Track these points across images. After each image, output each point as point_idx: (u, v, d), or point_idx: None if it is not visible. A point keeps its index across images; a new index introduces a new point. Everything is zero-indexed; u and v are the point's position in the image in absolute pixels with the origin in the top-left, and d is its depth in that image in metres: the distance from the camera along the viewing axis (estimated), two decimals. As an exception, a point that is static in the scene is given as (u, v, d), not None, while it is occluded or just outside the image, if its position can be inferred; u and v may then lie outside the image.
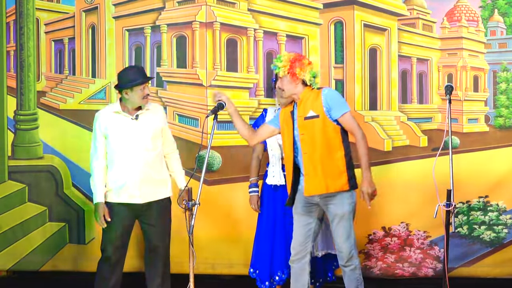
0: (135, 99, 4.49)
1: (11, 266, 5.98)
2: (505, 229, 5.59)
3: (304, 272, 4.43)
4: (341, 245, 4.29)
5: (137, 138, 4.52)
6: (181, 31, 5.88)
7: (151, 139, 4.56)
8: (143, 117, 4.55)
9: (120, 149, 4.52)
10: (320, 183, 4.22)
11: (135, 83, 4.44)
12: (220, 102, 4.40)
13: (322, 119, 4.21)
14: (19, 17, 6.00)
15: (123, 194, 4.54)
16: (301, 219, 4.40)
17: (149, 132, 4.55)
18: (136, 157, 4.51)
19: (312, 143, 4.22)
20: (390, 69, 5.73)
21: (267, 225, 4.86)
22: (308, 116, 4.24)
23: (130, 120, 4.52)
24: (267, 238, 4.86)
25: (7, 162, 6.03)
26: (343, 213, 4.25)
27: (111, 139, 4.53)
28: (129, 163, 4.51)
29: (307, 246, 4.41)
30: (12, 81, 6.05)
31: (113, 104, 4.69)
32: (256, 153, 4.96)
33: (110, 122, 4.53)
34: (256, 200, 4.90)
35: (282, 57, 4.33)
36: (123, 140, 4.52)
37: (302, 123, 4.26)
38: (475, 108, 5.69)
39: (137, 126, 4.53)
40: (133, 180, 4.52)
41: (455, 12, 5.73)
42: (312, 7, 5.77)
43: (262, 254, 4.88)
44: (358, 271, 4.35)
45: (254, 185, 4.92)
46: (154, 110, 4.64)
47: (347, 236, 4.27)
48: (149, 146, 4.54)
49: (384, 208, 5.51)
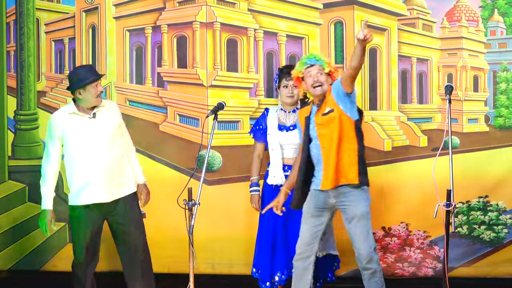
0: (89, 98, 4.42)
1: (11, 266, 5.99)
2: (505, 229, 5.59)
3: (308, 272, 4.41)
4: (360, 246, 4.25)
5: (97, 136, 4.45)
6: (182, 31, 5.88)
7: (112, 136, 4.51)
8: (100, 114, 4.48)
9: (80, 149, 4.45)
10: (333, 175, 4.22)
11: (87, 81, 4.37)
12: (220, 102, 4.42)
13: (337, 112, 4.22)
14: (19, 17, 6.01)
15: (88, 195, 4.48)
16: (311, 220, 4.37)
17: (109, 129, 4.50)
18: (98, 155, 4.45)
19: (330, 137, 4.23)
20: (390, 69, 5.73)
21: (268, 225, 4.86)
22: (325, 112, 4.26)
23: (87, 120, 4.45)
24: (268, 239, 4.86)
25: (7, 162, 6.03)
26: (362, 213, 4.24)
27: (70, 141, 4.46)
28: (91, 162, 4.45)
29: (314, 246, 4.39)
30: (12, 81, 6.05)
31: (67, 105, 4.61)
32: (257, 153, 4.96)
33: (66, 124, 4.45)
34: (257, 199, 4.90)
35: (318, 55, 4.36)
36: (83, 140, 4.45)
37: (320, 119, 4.28)
38: (475, 108, 5.70)
39: (95, 125, 4.46)
40: (97, 179, 4.46)
41: (455, 12, 5.73)
42: (312, 7, 5.77)
43: (263, 254, 4.88)
44: (379, 274, 4.29)
45: (255, 184, 4.92)
46: (108, 106, 4.58)
47: (366, 236, 4.24)
48: (110, 142, 4.49)
49: (384, 208, 5.51)
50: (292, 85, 4.73)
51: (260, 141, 4.93)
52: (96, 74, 4.46)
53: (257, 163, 4.95)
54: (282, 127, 4.83)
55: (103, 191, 4.48)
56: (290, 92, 4.79)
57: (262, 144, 4.92)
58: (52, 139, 4.50)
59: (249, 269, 5.01)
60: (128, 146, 4.71)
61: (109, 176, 4.49)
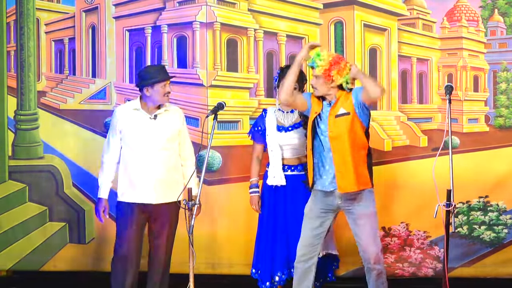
0: (156, 97, 4.49)
1: (11, 266, 5.98)
2: (505, 229, 5.59)
3: (309, 274, 4.39)
4: (368, 246, 4.23)
5: (154, 138, 4.52)
6: (182, 31, 5.88)
7: (167, 140, 4.56)
8: (161, 117, 4.56)
9: (135, 147, 4.52)
10: (352, 180, 4.20)
11: (156, 80, 4.45)
12: (220, 102, 4.42)
13: (352, 116, 4.20)
14: (19, 17, 6.01)
15: (137, 194, 4.54)
16: (314, 222, 4.36)
17: (166, 133, 4.55)
18: (152, 156, 4.51)
19: (342, 140, 4.20)
20: (390, 69, 5.73)
21: (267, 226, 4.86)
22: (339, 113, 4.22)
23: (148, 119, 4.52)
24: (267, 239, 4.86)
25: (8, 162, 6.03)
26: (370, 213, 4.24)
27: (127, 136, 4.54)
28: (144, 162, 4.51)
29: (316, 248, 4.38)
30: (12, 81, 6.05)
31: (133, 101, 4.68)
32: (256, 154, 4.96)
33: (128, 118, 4.54)
34: (257, 200, 4.90)
35: (322, 55, 4.25)
36: (140, 139, 4.52)
37: (333, 121, 4.24)
38: (475, 108, 5.69)
39: (154, 126, 4.53)
40: (148, 180, 4.51)
41: (455, 12, 5.73)
42: (312, 7, 5.77)
43: (263, 254, 4.88)
44: (384, 276, 4.30)
45: (255, 185, 4.92)
46: (172, 111, 4.65)
47: (374, 236, 4.24)
48: (165, 146, 4.55)
49: (384, 208, 5.50)
50: None
51: (259, 142, 4.92)
52: (166, 74, 4.53)
53: (257, 164, 4.94)
54: (281, 128, 4.82)
55: (151, 193, 4.52)
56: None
57: (261, 145, 4.92)
58: (113, 130, 4.59)
59: (249, 269, 5.01)
60: (186, 155, 4.70)
61: (158, 179, 4.53)
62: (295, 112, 4.80)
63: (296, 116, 4.81)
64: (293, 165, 4.79)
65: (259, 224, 4.94)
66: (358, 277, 4.55)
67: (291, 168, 4.77)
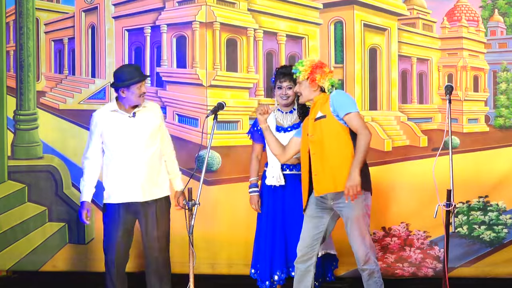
0: (132, 98, 4.45)
1: (11, 266, 5.98)
2: (505, 229, 5.59)
3: (309, 274, 4.41)
4: (356, 248, 4.25)
5: (135, 136, 4.49)
6: (181, 31, 5.88)
7: (149, 136, 4.53)
8: (140, 114, 4.52)
9: (117, 147, 4.50)
10: (328, 182, 4.20)
11: (132, 81, 4.41)
12: (220, 102, 4.41)
13: (329, 119, 4.21)
14: (19, 17, 6.00)
15: (123, 193, 4.52)
16: (312, 221, 4.36)
17: (147, 129, 4.52)
18: (135, 155, 4.49)
19: (320, 143, 4.22)
20: (390, 69, 5.73)
21: (266, 225, 4.85)
22: (317, 117, 4.25)
23: (127, 118, 4.49)
24: (266, 239, 4.85)
25: (7, 162, 6.03)
26: (356, 216, 4.22)
27: (108, 138, 4.51)
28: (127, 161, 4.49)
29: (315, 248, 4.38)
30: (11, 81, 6.05)
31: (109, 104, 4.65)
32: (255, 153, 4.94)
33: (106, 121, 4.50)
34: (257, 200, 4.88)
35: (304, 61, 4.31)
36: (121, 138, 4.49)
37: (312, 125, 4.27)
38: (475, 108, 5.69)
39: (134, 124, 4.50)
40: (133, 178, 4.49)
41: (455, 12, 5.72)
42: (312, 7, 5.77)
43: (262, 254, 4.88)
44: (376, 274, 4.29)
45: (255, 185, 4.91)
46: (151, 107, 4.61)
47: (361, 239, 4.23)
48: (148, 143, 4.52)
49: (384, 208, 5.50)
50: (286, 86, 4.71)
51: (258, 142, 4.90)
52: (141, 75, 4.50)
53: (256, 164, 4.93)
54: (280, 128, 4.80)
55: (137, 191, 4.51)
56: (284, 93, 4.76)
57: (260, 145, 4.91)
58: (93, 135, 4.56)
59: (249, 269, 5.00)
60: (167, 151, 4.69)
61: (143, 176, 4.51)
62: (294, 113, 4.79)
63: (295, 116, 4.80)
64: (292, 164, 4.78)
65: (257, 223, 4.94)
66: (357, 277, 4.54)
67: (289, 168, 4.76)
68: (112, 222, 4.54)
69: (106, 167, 4.56)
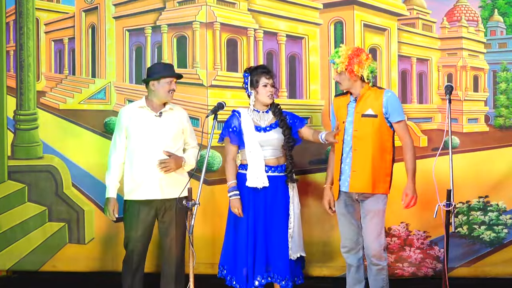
0: (161, 92, 4.55)
1: (11, 266, 5.98)
2: (505, 229, 5.59)
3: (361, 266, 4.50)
4: (371, 243, 4.29)
5: (158, 135, 4.56)
6: (182, 31, 5.88)
7: (172, 138, 4.60)
8: (166, 115, 4.60)
9: (140, 144, 4.55)
10: (367, 182, 4.23)
11: (162, 74, 4.53)
12: (220, 102, 4.42)
13: (379, 119, 4.22)
14: (19, 17, 6.00)
15: (143, 191, 4.56)
16: (346, 218, 4.44)
17: (171, 131, 4.59)
18: (156, 153, 4.54)
19: (365, 141, 4.22)
20: (390, 69, 5.73)
21: (247, 229, 4.68)
22: (366, 113, 4.24)
23: (153, 116, 4.57)
24: (248, 243, 4.67)
25: (7, 162, 6.03)
26: (377, 210, 4.27)
27: (132, 134, 4.57)
28: (149, 158, 4.54)
29: (359, 241, 4.46)
30: (12, 81, 6.05)
31: (138, 101, 4.73)
32: (231, 155, 4.76)
33: (133, 116, 4.58)
34: (239, 204, 4.67)
35: (340, 51, 4.29)
36: (144, 135, 4.55)
37: (358, 120, 4.25)
38: (475, 108, 5.69)
39: (159, 123, 4.57)
40: (153, 176, 4.54)
41: (455, 12, 5.73)
42: (312, 7, 5.77)
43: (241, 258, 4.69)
44: (385, 272, 4.36)
45: (235, 188, 4.70)
46: (177, 111, 4.71)
47: (377, 233, 4.27)
48: (169, 144, 4.58)
49: (384, 208, 5.50)
50: (271, 83, 4.68)
51: (235, 143, 4.73)
52: (173, 72, 4.62)
53: (234, 167, 4.74)
54: (259, 128, 4.69)
55: (156, 188, 4.55)
56: (270, 90, 4.71)
57: (236, 147, 4.74)
58: (119, 130, 4.62)
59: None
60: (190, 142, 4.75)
61: (164, 175, 4.55)
62: (270, 112, 4.74)
63: (272, 116, 4.74)
64: (273, 165, 4.69)
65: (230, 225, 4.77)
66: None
67: (271, 169, 4.68)
68: (132, 219, 4.58)
69: (128, 162, 4.60)
